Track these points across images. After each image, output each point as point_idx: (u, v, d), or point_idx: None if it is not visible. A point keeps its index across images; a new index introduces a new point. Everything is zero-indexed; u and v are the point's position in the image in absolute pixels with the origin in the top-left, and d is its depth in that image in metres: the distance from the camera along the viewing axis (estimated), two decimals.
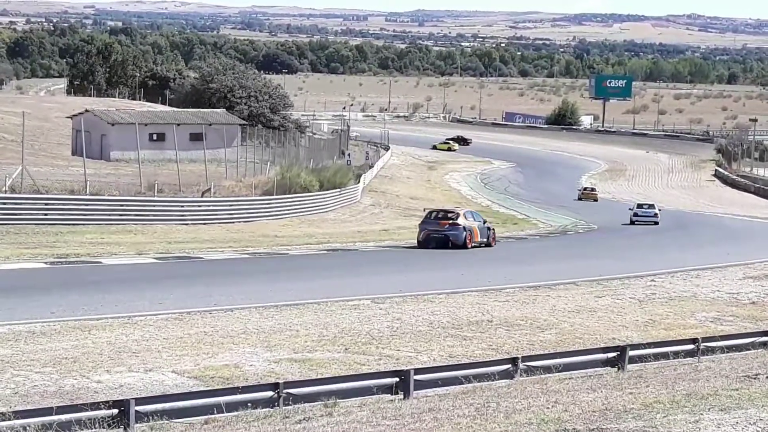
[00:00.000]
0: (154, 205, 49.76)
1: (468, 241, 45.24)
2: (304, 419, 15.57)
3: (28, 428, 14.75)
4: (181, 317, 26.21)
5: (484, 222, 47.70)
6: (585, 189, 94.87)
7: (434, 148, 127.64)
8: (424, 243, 45.37)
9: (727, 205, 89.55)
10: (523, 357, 20.22)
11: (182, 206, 50.95)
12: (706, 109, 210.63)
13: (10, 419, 14.74)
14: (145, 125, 69.70)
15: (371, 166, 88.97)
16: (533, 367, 19.75)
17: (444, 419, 14.27)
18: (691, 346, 22.31)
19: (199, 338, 23.91)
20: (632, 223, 67.62)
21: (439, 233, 45.22)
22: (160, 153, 67.31)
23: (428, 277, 36.07)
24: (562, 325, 27.54)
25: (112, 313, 26.18)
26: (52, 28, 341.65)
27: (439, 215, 46.92)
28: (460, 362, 21.32)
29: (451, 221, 45.64)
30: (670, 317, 29.61)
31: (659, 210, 70.00)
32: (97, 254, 38.60)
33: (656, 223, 67.67)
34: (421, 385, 18.18)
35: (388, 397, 17.79)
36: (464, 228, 45.34)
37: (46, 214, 45.07)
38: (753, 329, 26.46)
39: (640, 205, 71.01)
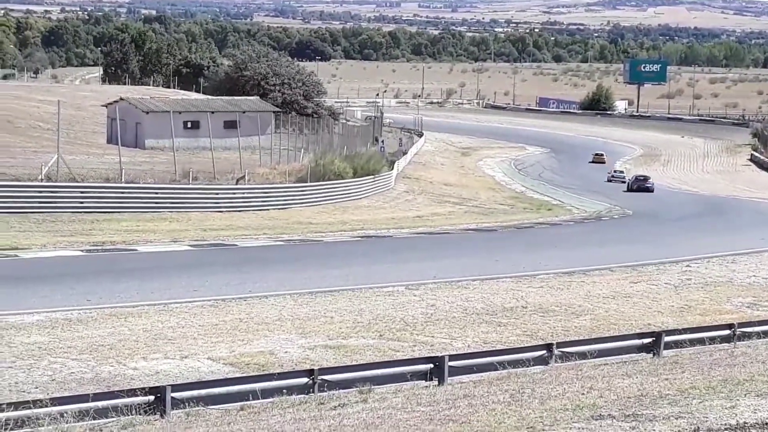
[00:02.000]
0: (188, 193, 49.91)
1: None
2: (339, 405, 15.62)
3: (65, 415, 14.87)
4: (216, 304, 26.32)
5: None
6: (596, 154, 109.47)
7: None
8: None
9: (764, 190, 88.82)
10: (557, 343, 20.20)
11: (217, 194, 51.08)
12: (742, 93, 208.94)
13: (47, 406, 14.86)
14: (180, 113, 69.82)
15: (405, 153, 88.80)
16: (568, 353, 19.72)
17: (479, 405, 14.28)
18: (727, 332, 22.21)
19: (234, 325, 24.01)
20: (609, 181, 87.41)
21: None
22: (194, 141, 67.47)
23: (462, 264, 36.03)
24: (597, 311, 27.47)
25: (148, 301, 26.33)
26: (87, 17, 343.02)
27: None
28: (494, 348, 21.32)
29: None
30: (705, 303, 29.48)
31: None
32: (132, 242, 38.79)
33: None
34: (455, 371, 18.19)
35: (423, 383, 17.81)
36: None
37: (81, 202, 45.30)
38: None
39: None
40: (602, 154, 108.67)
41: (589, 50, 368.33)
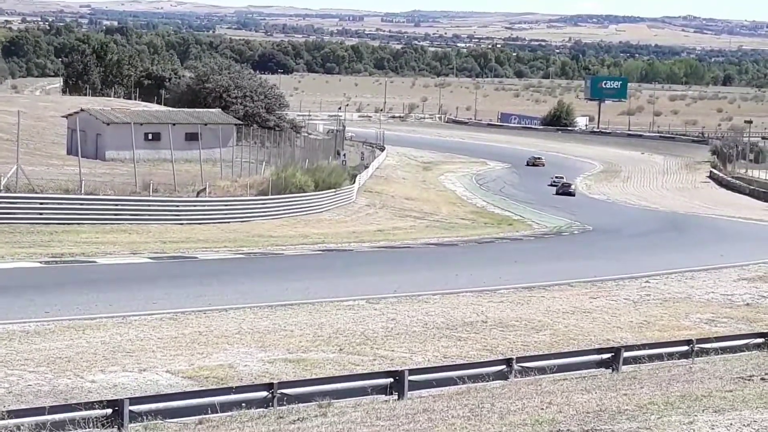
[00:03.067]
0: (149, 205, 49.70)
1: None
2: (298, 419, 15.57)
3: (21, 428, 14.74)
4: (175, 317, 26.19)
5: None
6: (534, 158, 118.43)
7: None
8: None
9: (722, 207, 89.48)
10: (517, 358, 20.23)
11: (177, 206, 50.89)
12: (702, 110, 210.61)
13: (3, 419, 14.72)
14: (141, 125, 69.54)
15: (366, 167, 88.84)
16: (528, 368, 19.76)
17: (438, 420, 14.27)
18: (685, 348, 22.33)
19: (194, 338, 23.90)
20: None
21: None
22: (155, 153, 67.22)
23: (423, 278, 36.06)
24: (557, 326, 27.55)
25: (107, 313, 26.16)
26: (48, 27, 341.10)
27: None
28: (454, 363, 21.32)
29: None
30: (664, 318, 29.63)
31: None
32: (91, 254, 38.56)
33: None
34: (415, 385, 18.18)
35: (383, 397, 17.79)
36: None
37: (41, 214, 45.00)
38: (747, 331, 26.49)
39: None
40: (540, 158, 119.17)
41: (550, 66, 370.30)
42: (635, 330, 27.59)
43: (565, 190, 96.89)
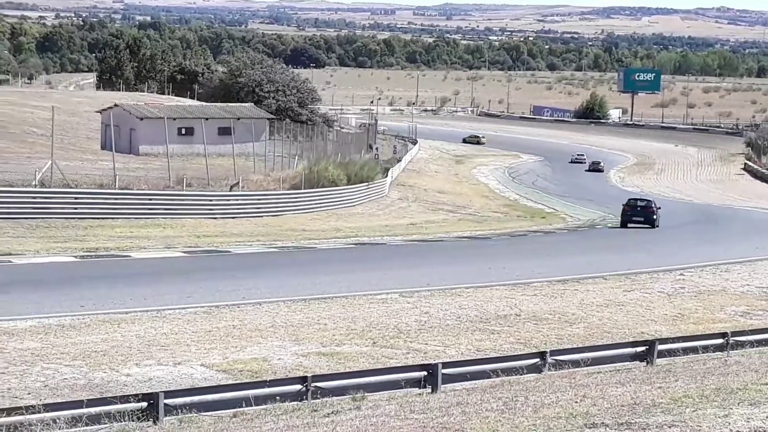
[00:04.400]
0: (182, 199, 49.88)
1: None
2: (332, 412, 15.59)
3: (57, 421, 14.83)
4: (209, 311, 26.29)
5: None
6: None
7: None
8: None
9: (757, 199, 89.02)
10: (551, 351, 20.19)
11: (210, 200, 51.06)
12: (735, 102, 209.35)
13: (40, 412, 14.82)
14: (174, 119, 69.85)
15: (399, 160, 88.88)
16: (561, 361, 19.71)
17: (472, 413, 14.26)
18: (720, 341, 22.22)
19: (228, 332, 23.98)
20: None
21: None
22: (188, 147, 67.46)
23: (456, 271, 36.03)
24: (591, 319, 27.48)
25: (141, 307, 26.29)
26: (81, 23, 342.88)
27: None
28: (488, 356, 21.30)
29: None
30: (699, 311, 29.50)
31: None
32: (126, 248, 38.74)
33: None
34: (449, 378, 18.17)
35: (416, 390, 17.79)
36: None
37: (75, 208, 45.26)
38: None
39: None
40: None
41: (583, 59, 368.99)
42: (670, 323, 27.48)
43: (595, 167, 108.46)
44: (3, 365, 20.17)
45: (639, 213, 58.27)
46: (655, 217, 57.92)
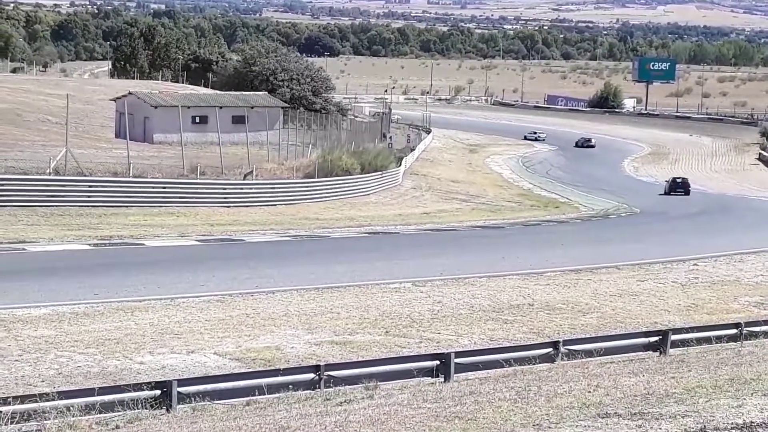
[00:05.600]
0: (196, 188, 49.94)
1: None
2: (345, 401, 15.61)
3: (71, 408, 14.88)
4: (222, 299, 26.33)
5: None
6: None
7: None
8: None
9: None
10: (564, 341, 20.18)
11: (224, 189, 51.09)
12: (751, 92, 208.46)
13: (54, 399, 14.87)
14: (188, 108, 69.79)
15: (412, 149, 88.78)
16: (575, 350, 19.70)
17: (485, 402, 14.26)
18: (734, 331, 22.18)
19: (241, 320, 24.02)
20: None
21: None
22: (202, 135, 67.49)
23: (469, 261, 36.02)
24: (604, 309, 27.45)
25: (155, 295, 26.35)
26: (96, 11, 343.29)
27: None
28: (500, 345, 21.31)
29: None
30: (712, 301, 29.44)
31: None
32: (140, 236, 38.82)
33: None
34: (461, 368, 18.18)
35: (429, 379, 17.80)
36: None
37: (89, 196, 45.35)
38: None
39: None
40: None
41: (598, 48, 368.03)
42: (683, 313, 27.44)
43: (586, 144, 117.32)
44: (17, 352, 20.24)
45: (680, 185, 78.43)
46: (690, 188, 78.17)
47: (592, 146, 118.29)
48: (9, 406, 14.55)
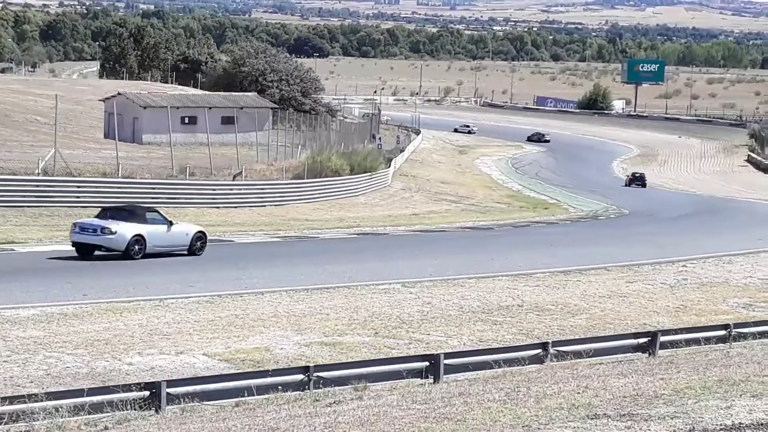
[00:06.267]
0: (185, 189, 49.89)
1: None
2: (334, 402, 15.61)
3: (60, 409, 14.85)
4: (212, 300, 26.30)
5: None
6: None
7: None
8: None
9: (760, 191, 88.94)
10: (553, 342, 20.19)
11: (213, 189, 51.07)
12: (739, 93, 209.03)
13: (42, 400, 14.84)
14: (177, 108, 69.73)
15: (402, 151, 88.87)
16: (564, 352, 19.71)
17: (474, 403, 14.27)
18: (722, 332, 22.21)
19: (230, 321, 23.99)
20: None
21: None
22: (191, 136, 67.44)
23: (458, 262, 36.03)
24: (593, 311, 27.48)
25: (144, 296, 26.30)
26: (85, 11, 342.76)
27: None
28: (490, 347, 21.31)
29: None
30: (701, 303, 29.49)
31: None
32: None
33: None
34: (451, 369, 18.18)
35: (418, 381, 17.80)
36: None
37: (78, 197, 45.27)
38: None
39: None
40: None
41: (587, 49, 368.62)
42: (672, 314, 27.48)
43: (541, 139, 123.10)
44: (6, 353, 20.19)
45: (638, 179, 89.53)
46: (646, 182, 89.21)
47: (547, 141, 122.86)
48: None
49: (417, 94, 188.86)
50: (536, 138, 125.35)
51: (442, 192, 72.21)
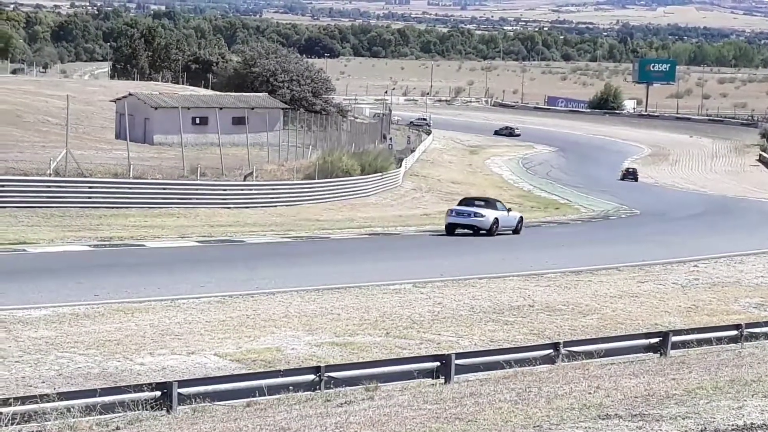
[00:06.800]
0: (196, 189, 49.95)
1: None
2: (345, 402, 15.61)
3: (72, 409, 14.87)
4: (223, 300, 26.33)
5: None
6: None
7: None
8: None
9: None
10: (564, 342, 20.17)
11: (224, 190, 51.11)
12: (751, 93, 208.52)
13: (54, 401, 14.87)
14: (188, 109, 69.82)
15: (413, 151, 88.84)
16: (575, 352, 19.69)
17: (485, 403, 14.26)
18: (734, 332, 22.17)
19: (241, 321, 24.01)
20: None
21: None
22: (202, 137, 67.52)
23: (469, 262, 36.02)
24: (604, 311, 27.45)
25: (155, 296, 26.33)
26: (96, 12, 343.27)
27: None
28: (501, 347, 21.30)
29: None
30: (713, 303, 29.43)
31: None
32: (140, 237, 38.83)
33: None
34: (462, 369, 18.17)
35: (429, 381, 17.79)
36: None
37: (89, 197, 45.36)
38: None
39: None
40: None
41: (598, 49, 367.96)
42: (683, 314, 27.43)
43: (510, 132, 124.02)
44: (17, 354, 20.24)
45: (631, 173, 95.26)
46: (638, 176, 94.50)
47: (517, 135, 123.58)
48: (9, 407, 14.54)
49: (428, 94, 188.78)
50: (506, 132, 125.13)
51: (453, 192, 72.15)
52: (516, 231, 46.37)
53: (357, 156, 64.04)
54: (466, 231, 44.88)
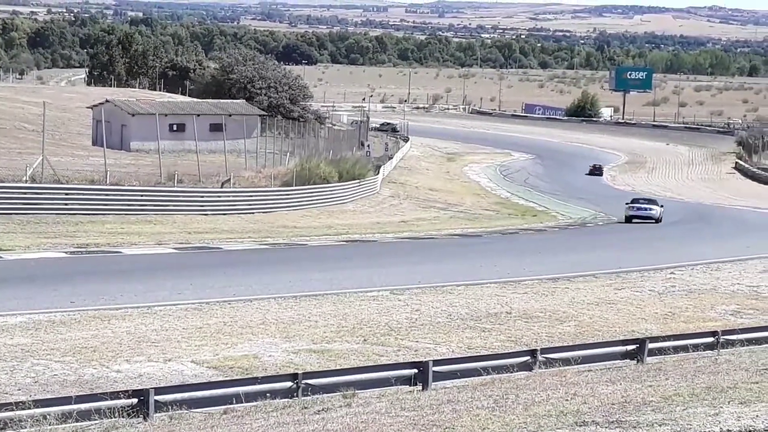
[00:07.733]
0: (173, 196, 49.82)
1: None
2: (323, 409, 15.59)
3: (48, 417, 14.81)
4: (200, 307, 26.27)
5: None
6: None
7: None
8: None
9: (748, 198, 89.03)
10: (542, 349, 20.20)
11: (202, 197, 51.02)
12: (727, 101, 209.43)
13: (30, 408, 14.80)
14: (165, 116, 69.60)
15: (390, 158, 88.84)
16: (552, 359, 19.72)
17: (463, 410, 14.26)
18: (710, 339, 22.24)
19: (218, 328, 23.96)
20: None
21: None
22: (180, 143, 67.33)
23: (447, 269, 36.04)
24: (582, 318, 27.50)
25: (132, 303, 26.26)
26: (73, 19, 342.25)
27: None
28: (478, 354, 21.31)
29: None
30: (689, 310, 29.53)
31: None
32: (117, 244, 38.70)
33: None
34: (439, 376, 18.18)
35: (407, 388, 17.79)
36: None
37: (66, 204, 45.17)
38: None
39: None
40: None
41: (575, 57, 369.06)
42: (660, 321, 27.51)
43: (391, 128, 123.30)
44: None
45: (597, 170, 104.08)
46: (603, 172, 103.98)
47: (397, 131, 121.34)
48: None
49: (405, 101, 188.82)
50: (388, 128, 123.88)
51: (430, 199, 72.22)
52: (658, 220, 61.21)
53: (335, 163, 64.01)
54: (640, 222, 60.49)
